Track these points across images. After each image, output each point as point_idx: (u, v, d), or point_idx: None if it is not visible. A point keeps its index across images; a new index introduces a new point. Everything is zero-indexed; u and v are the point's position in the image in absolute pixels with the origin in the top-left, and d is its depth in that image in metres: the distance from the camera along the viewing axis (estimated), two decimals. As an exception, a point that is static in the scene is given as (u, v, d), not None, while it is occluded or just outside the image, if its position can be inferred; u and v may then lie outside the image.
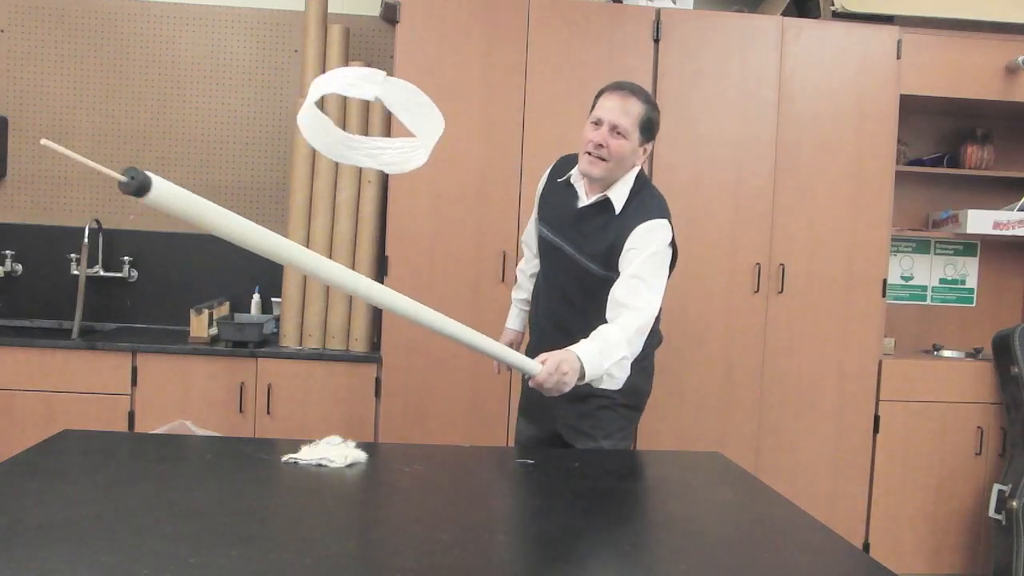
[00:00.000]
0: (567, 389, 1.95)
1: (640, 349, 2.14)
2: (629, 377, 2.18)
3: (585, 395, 2.30)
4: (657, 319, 2.28)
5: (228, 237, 1.46)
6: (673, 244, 2.27)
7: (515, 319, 2.70)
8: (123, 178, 1.25)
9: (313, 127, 1.78)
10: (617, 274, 2.20)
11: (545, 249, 2.43)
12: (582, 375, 1.96)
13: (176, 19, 3.73)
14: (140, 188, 1.27)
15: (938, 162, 3.89)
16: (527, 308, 2.64)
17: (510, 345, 2.57)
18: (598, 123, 2.23)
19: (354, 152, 1.79)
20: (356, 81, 1.74)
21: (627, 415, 2.40)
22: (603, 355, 1.99)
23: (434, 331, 1.83)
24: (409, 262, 3.29)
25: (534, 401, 2.50)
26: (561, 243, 2.35)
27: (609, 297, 2.15)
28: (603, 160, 2.21)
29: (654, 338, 2.39)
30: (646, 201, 2.27)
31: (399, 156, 1.78)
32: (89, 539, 1.40)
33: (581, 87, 3.31)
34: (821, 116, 3.44)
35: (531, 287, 2.60)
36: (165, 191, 1.32)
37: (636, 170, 2.30)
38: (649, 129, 2.26)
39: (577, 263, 2.31)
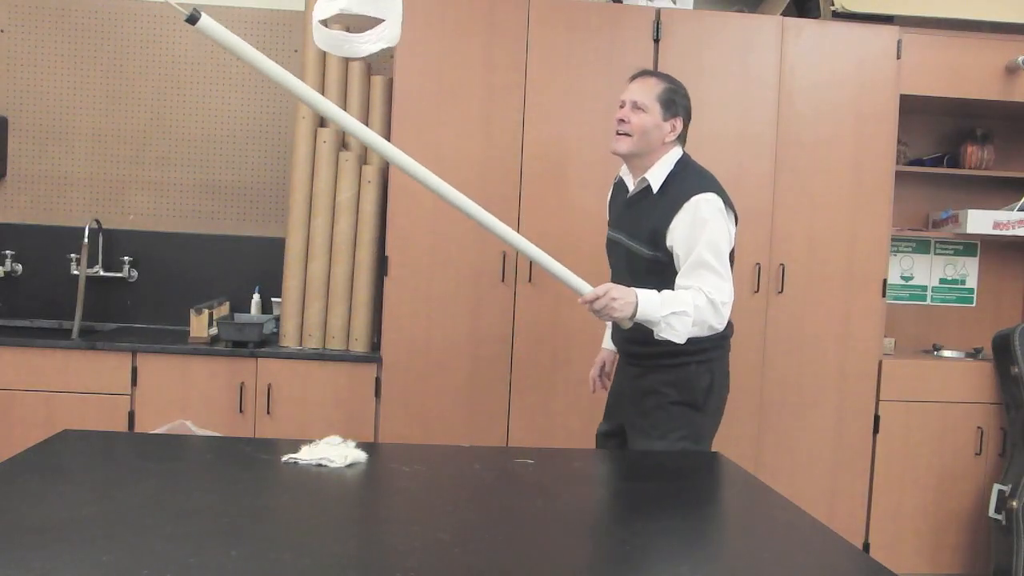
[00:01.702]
0: (617, 315, 2.07)
1: (720, 327, 2.19)
2: (686, 366, 2.26)
3: (644, 392, 2.35)
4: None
5: (256, 66, 1.89)
6: (731, 208, 2.30)
7: (609, 339, 2.67)
8: (184, 11, 1.72)
9: (322, 36, 2.03)
10: (664, 254, 2.26)
11: (610, 249, 2.51)
12: (635, 313, 2.07)
13: (176, 19, 3.72)
14: (191, 19, 1.74)
15: (938, 162, 3.89)
16: None
17: (603, 365, 2.65)
18: (622, 105, 2.35)
19: (355, 44, 2.01)
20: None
21: (683, 414, 2.30)
22: (663, 303, 2.09)
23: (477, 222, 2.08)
24: (409, 262, 3.29)
25: (611, 399, 2.58)
26: (618, 236, 2.43)
27: (675, 285, 2.21)
28: (628, 135, 2.32)
29: (725, 331, 2.32)
30: (687, 179, 2.31)
31: (380, 39, 2.00)
32: (89, 539, 1.40)
33: (581, 87, 3.31)
34: (821, 116, 3.44)
35: None
36: (212, 25, 1.81)
37: (676, 152, 2.37)
38: (670, 104, 2.34)
39: (628, 249, 2.37)
